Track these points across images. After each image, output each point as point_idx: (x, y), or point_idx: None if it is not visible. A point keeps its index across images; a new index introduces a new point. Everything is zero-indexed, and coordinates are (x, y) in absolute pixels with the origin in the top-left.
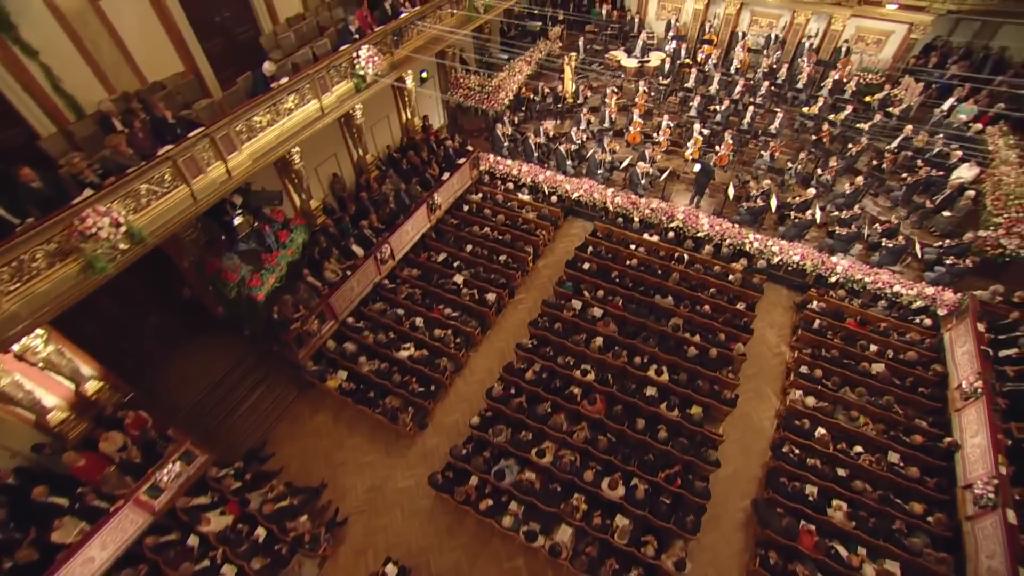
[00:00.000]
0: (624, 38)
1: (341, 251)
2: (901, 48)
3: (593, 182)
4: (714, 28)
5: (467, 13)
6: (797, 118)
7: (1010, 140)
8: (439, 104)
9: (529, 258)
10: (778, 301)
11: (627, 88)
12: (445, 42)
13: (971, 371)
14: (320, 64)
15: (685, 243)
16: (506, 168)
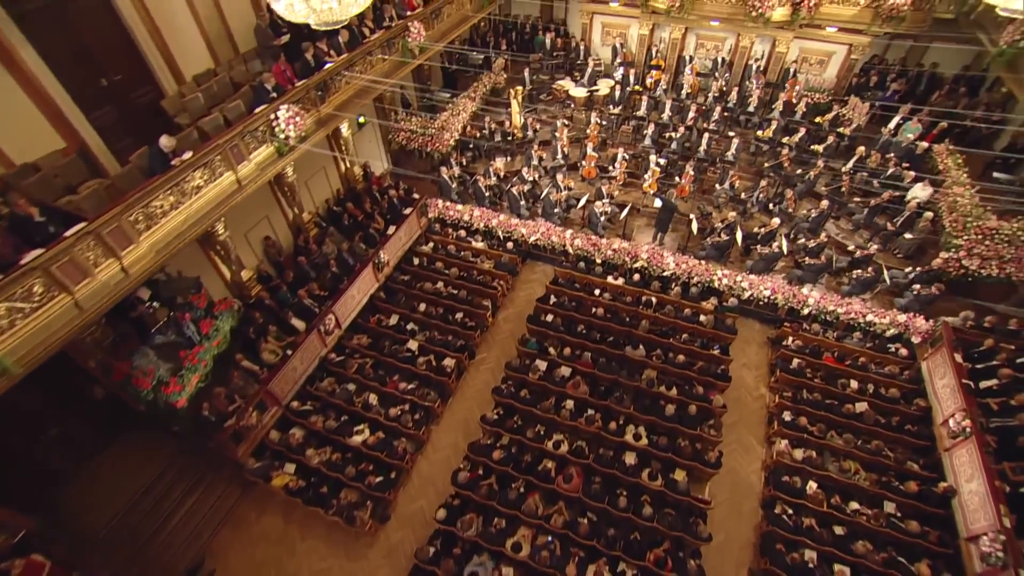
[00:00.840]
0: (570, 66)
1: (280, 326)
2: (843, 68)
3: (550, 224)
4: (661, 53)
5: (400, 59)
6: (752, 142)
7: (958, 159)
8: (381, 147)
9: (488, 313)
10: (751, 337)
11: (578, 118)
12: (379, 89)
13: (955, 406)
14: (231, 132)
15: (652, 284)
16: (457, 214)
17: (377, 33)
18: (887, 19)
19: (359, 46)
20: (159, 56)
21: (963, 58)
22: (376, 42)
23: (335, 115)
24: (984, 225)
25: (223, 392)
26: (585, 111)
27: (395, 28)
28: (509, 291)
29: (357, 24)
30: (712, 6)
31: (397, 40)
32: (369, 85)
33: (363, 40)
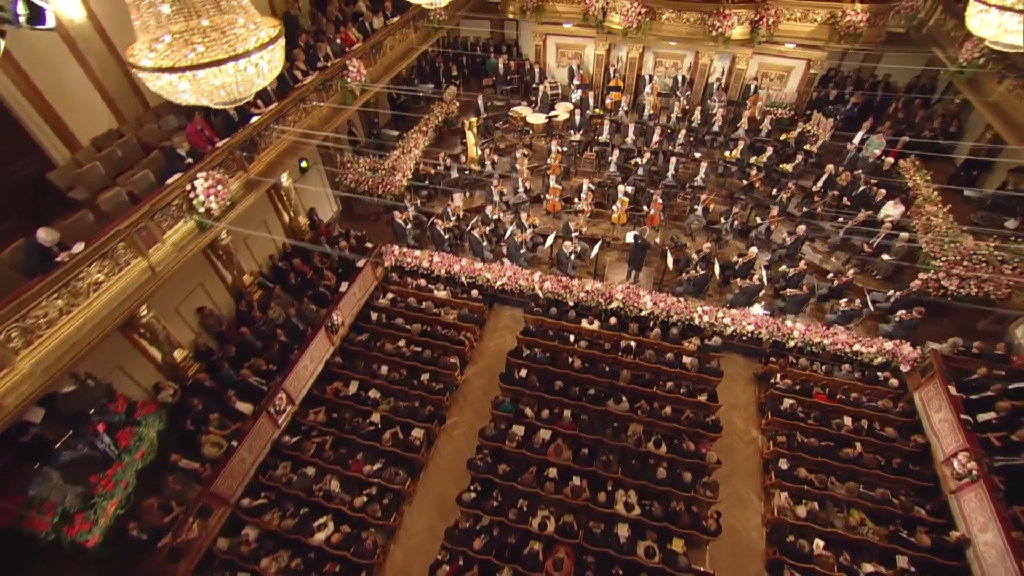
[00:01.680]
0: (526, 90)
1: (223, 412)
2: (803, 82)
3: (516, 267)
4: (619, 73)
5: (338, 105)
6: (720, 162)
7: (927, 176)
8: (328, 190)
9: (456, 372)
10: (737, 373)
11: (537, 146)
12: (317, 139)
13: (955, 444)
14: (136, 212)
15: (629, 327)
16: (415, 260)
17: (311, 76)
18: (845, 36)
19: (291, 92)
20: (41, 120)
21: (913, 69)
22: (310, 86)
23: (272, 166)
24: (962, 246)
25: (155, 503)
26: (545, 138)
27: (332, 68)
28: (477, 342)
29: (288, 67)
30: (671, 26)
31: (335, 81)
32: (302, 140)
33: (295, 85)
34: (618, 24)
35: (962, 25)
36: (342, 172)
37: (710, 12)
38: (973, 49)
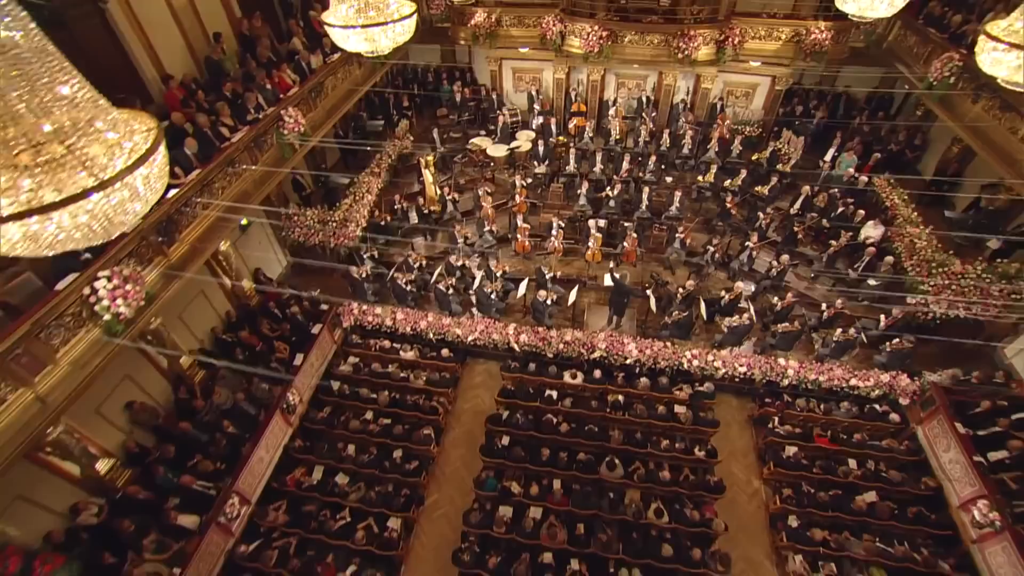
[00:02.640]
0: (484, 119)
1: (161, 530)
2: (769, 98)
3: (489, 319)
4: (580, 96)
5: (270, 168)
6: (693, 188)
7: (903, 195)
8: (275, 245)
9: (432, 446)
10: (730, 415)
11: (500, 179)
12: (257, 196)
13: (971, 489)
14: (9, 336)
15: (615, 377)
16: (376, 319)
17: (241, 132)
18: (811, 54)
19: (216, 155)
20: None
21: (872, 81)
22: (240, 145)
23: (195, 248)
24: (950, 270)
25: None
26: (508, 171)
27: (265, 120)
28: (452, 403)
29: (210, 124)
30: (634, 49)
31: (269, 135)
32: (229, 215)
33: (222, 145)
34: (578, 48)
35: (925, 41)
36: (288, 226)
37: (674, 34)
38: (943, 68)
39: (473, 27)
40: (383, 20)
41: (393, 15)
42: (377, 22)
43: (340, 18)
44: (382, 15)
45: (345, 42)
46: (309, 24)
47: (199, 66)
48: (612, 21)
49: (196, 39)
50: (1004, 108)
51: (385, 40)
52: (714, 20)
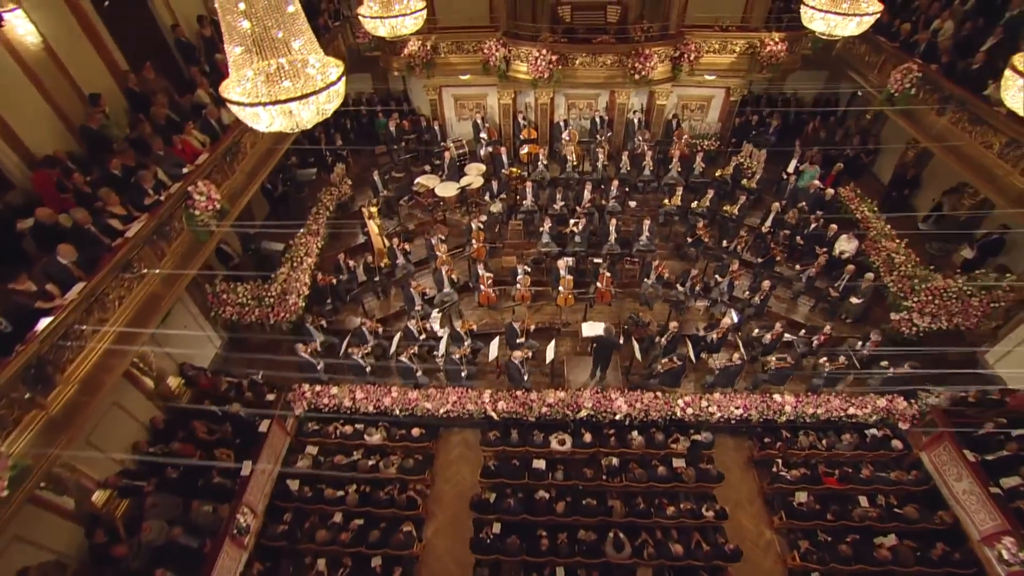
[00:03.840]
0: (427, 153)
1: None
2: (724, 110)
3: (460, 388)
4: (529, 121)
5: (176, 271)
6: (660, 213)
7: (872, 206)
8: (205, 324)
9: (414, 544)
10: (729, 459)
11: (453, 220)
12: (171, 297)
13: (989, 519)
14: None
15: (608, 437)
16: (333, 400)
17: (137, 223)
18: (767, 66)
19: (104, 261)
20: None
21: (816, 85)
22: (139, 239)
23: (94, 381)
24: (933, 286)
25: None
26: (460, 211)
27: (168, 203)
28: (431, 486)
29: (91, 220)
30: (586, 71)
31: (177, 217)
32: (135, 330)
33: (112, 244)
34: (526, 74)
35: (876, 50)
36: (216, 305)
37: (628, 54)
38: (903, 79)
39: (407, 57)
40: (303, 92)
41: (316, 83)
42: (294, 96)
43: (245, 92)
44: (301, 83)
45: (255, 121)
46: (217, 69)
47: (76, 137)
48: (561, 44)
49: (67, 103)
50: (974, 122)
51: (307, 113)
52: (667, 36)
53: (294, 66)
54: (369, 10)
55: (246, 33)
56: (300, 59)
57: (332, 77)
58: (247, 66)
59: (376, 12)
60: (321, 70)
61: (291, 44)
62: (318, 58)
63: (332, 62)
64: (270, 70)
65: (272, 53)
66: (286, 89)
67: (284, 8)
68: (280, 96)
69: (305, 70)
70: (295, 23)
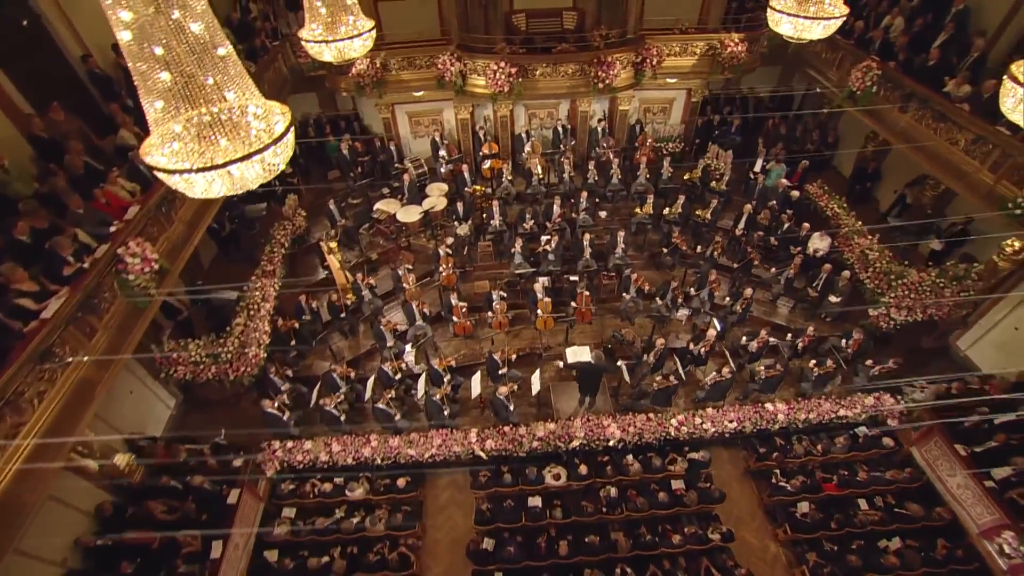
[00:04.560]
0: (384, 175)
1: None
2: (686, 111)
3: (444, 430)
4: (489, 134)
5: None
6: (632, 222)
7: (842, 203)
8: (154, 387)
9: None
10: (726, 472)
11: (417, 245)
12: (108, 382)
13: (987, 513)
14: None
15: (604, 466)
16: (307, 456)
17: (57, 299)
18: (728, 67)
19: (15, 350)
20: None
21: (771, 79)
22: (59, 320)
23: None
24: (909, 281)
25: None
26: (425, 234)
27: (94, 271)
28: (422, 538)
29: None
30: (548, 82)
31: (106, 285)
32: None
33: (25, 331)
34: (484, 88)
35: (833, 47)
36: (165, 367)
37: (590, 62)
38: (863, 77)
39: (355, 77)
40: (245, 152)
41: (260, 139)
42: (234, 158)
43: (173, 153)
44: (241, 142)
45: (189, 188)
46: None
47: None
48: (519, 55)
49: None
50: (938, 119)
51: (252, 172)
52: (627, 41)
53: (231, 119)
54: (311, 33)
55: (166, 87)
56: (238, 107)
57: (278, 128)
58: (173, 120)
59: (320, 35)
60: (264, 120)
61: (225, 93)
62: (259, 104)
63: (277, 109)
64: (202, 121)
65: (203, 103)
66: (224, 149)
67: (212, 52)
68: (217, 159)
69: (245, 122)
70: (228, 69)
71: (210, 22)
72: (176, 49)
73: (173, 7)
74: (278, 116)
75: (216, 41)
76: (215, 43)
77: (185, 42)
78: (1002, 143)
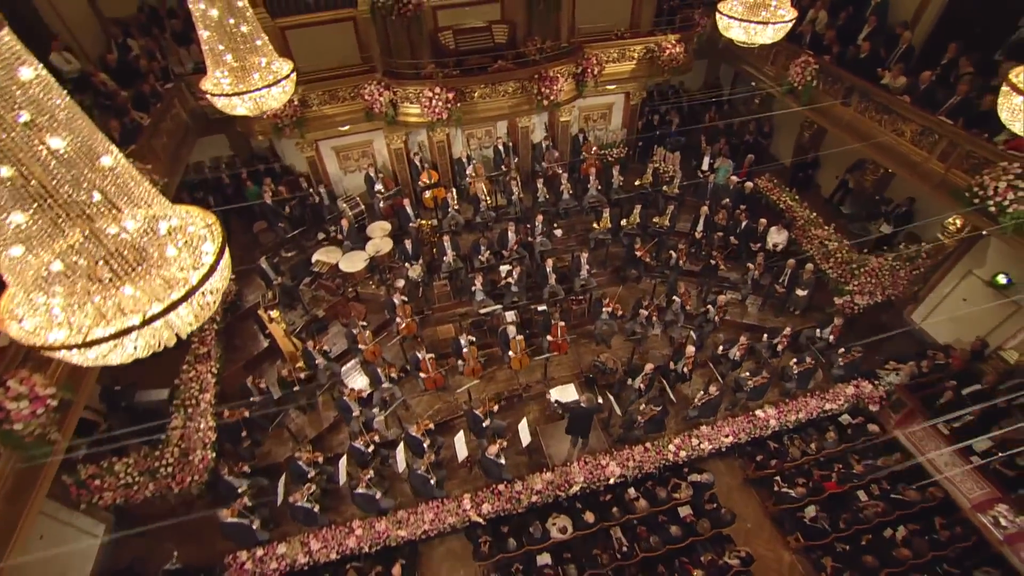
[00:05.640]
0: (318, 221)
1: None
2: (626, 114)
3: (434, 501)
4: (427, 162)
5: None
6: (591, 239)
7: (794, 196)
8: (73, 519)
9: None
10: (726, 484)
11: (367, 293)
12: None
13: (977, 488)
14: None
15: (609, 509)
16: (282, 562)
17: None
18: (668, 69)
19: None
20: None
21: (700, 74)
22: None
23: None
24: (869, 268)
25: None
26: (374, 281)
27: None
28: None
29: None
30: (488, 104)
31: None
32: None
33: None
34: (419, 117)
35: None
36: (86, 496)
37: (531, 78)
38: (803, 72)
39: (271, 119)
40: (162, 307)
41: (187, 276)
42: (146, 318)
43: (62, 326)
44: (155, 280)
45: (101, 355)
46: None
47: None
48: (454, 77)
49: None
50: (882, 111)
51: (185, 317)
52: (565, 52)
53: (138, 253)
54: (217, 84)
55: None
56: (147, 230)
57: (206, 258)
58: (48, 255)
59: (229, 87)
60: (186, 246)
61: (122, 219)
62: (173, 214)
63: (197, 221)
64: (95, 267)
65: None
66: (131, 299)
67: (96, 159)
68: (122, 324)
69: (160, 247)
70: (120, 182)
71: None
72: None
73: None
74: (207, 242)
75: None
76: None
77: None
78: (948, 133)
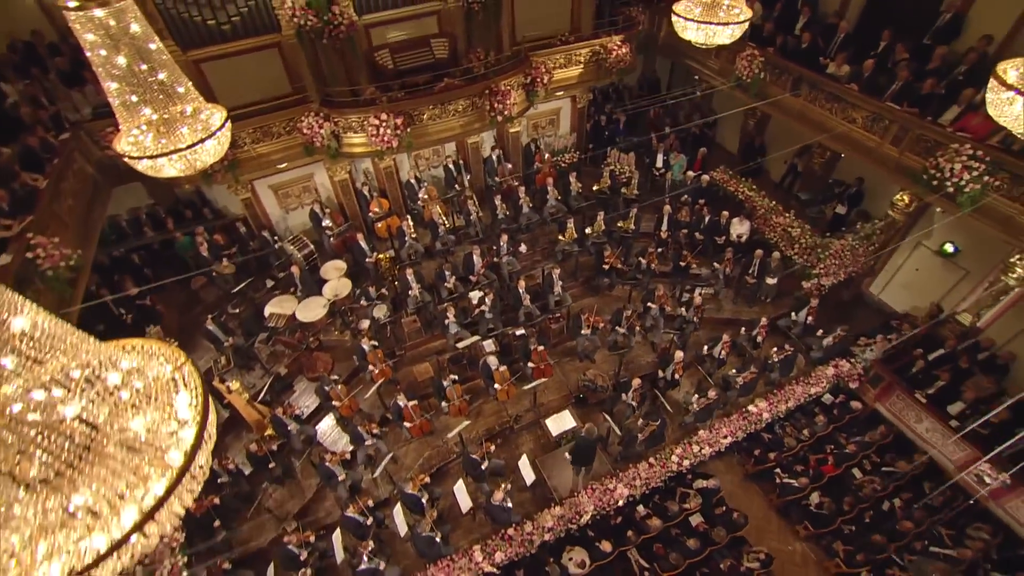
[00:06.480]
0: (264, 268)
1: None
2: (574, 118)
3: (443, 560)
4: (375, 190)
5: None
6: (558, 252)
7: (752, 186)
8: None
9: None
10: (728, 482)
11: (329, 340)
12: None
13: (958, 451)
14: None
15: (624, 533)
16: None
17: None
18: (615, 71)
19: None
20: None
21: (637, 68)
22: None
23: None
24: (834, 251)
25: None
26: (336, 325)
27: None
28: None
29: None
30: (439, 125)
31: None
32: None
33: None
34: (365, 147)
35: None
36: None
37: (481, 93)
38: (751, 66)
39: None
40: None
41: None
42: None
43: None
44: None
45: None
46: None
47: None
48: (400, 100)
49: None
50: (831, 99)
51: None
52: (511, 63)
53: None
54: (135, 143)
55: None
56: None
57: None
58: None
59: (153, 147)
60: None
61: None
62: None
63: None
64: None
65: None
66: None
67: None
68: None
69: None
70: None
71: None
72: None
73: None
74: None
75: None
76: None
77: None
78: (898, 119)
